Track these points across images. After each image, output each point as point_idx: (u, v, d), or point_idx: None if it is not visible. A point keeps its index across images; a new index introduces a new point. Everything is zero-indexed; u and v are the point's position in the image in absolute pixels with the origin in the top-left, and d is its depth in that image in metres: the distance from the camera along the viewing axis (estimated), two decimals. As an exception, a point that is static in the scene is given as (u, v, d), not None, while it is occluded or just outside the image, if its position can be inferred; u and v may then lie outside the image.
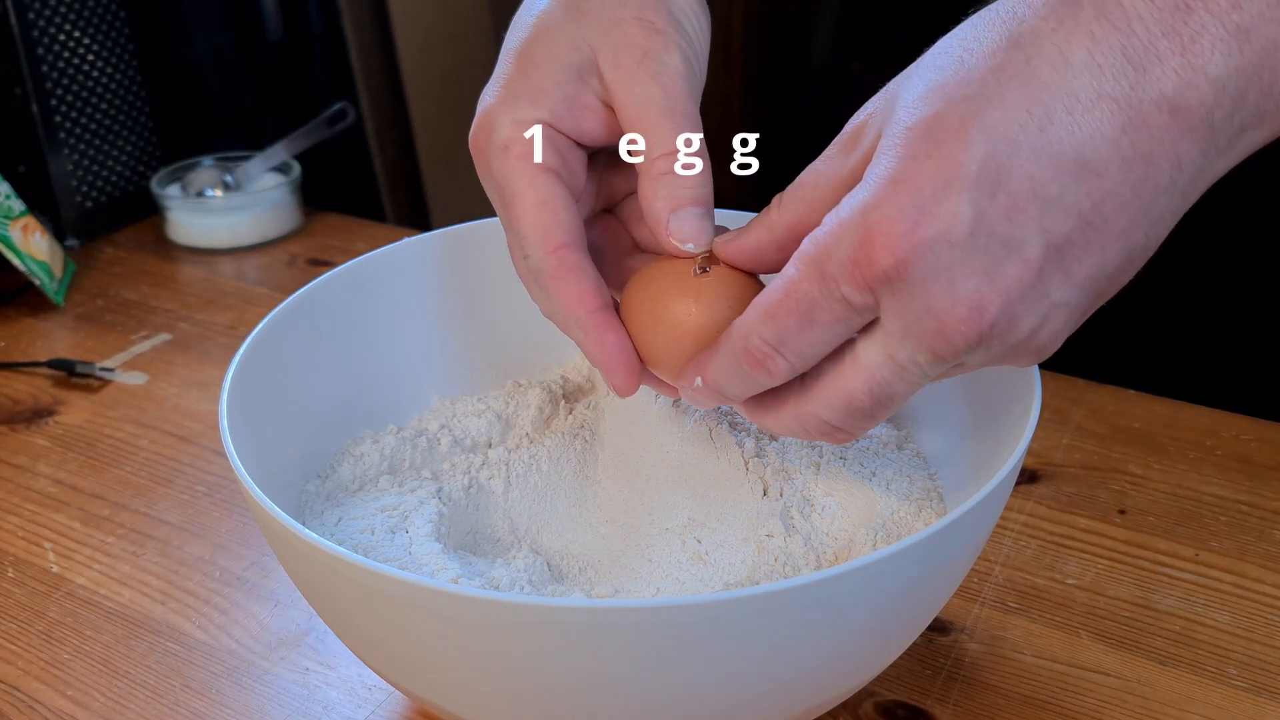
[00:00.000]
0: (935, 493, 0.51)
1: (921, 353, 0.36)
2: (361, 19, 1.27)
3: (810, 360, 0.39)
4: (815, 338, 0.38)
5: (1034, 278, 0.34)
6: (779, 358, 0.39)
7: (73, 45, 0.97)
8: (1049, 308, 0.35)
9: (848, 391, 0.38)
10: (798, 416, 0.41)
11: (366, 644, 0.44)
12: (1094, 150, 0.34)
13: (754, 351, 0.39)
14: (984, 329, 0.35)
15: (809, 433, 0.41)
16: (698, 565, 0.49)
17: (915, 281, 0.34)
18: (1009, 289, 0.34)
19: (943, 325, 0.35)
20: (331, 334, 0.55)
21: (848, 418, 0.39)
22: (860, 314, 0.37)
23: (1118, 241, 0.35)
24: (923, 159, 0.34)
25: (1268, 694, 0.50)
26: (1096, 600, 0.56)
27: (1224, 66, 0.33)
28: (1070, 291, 0.35)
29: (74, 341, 0.84)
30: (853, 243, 0.35)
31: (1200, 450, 0.66)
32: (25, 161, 0.97)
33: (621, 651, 0.37)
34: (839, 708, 0.50)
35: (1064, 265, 0.35)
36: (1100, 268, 0.35)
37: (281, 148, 1.02)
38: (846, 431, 0.40)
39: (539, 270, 0.44)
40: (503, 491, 0.53)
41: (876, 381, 0.38)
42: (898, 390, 0.38)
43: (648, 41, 0.44)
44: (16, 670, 0.55)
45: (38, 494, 0.67)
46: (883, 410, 0.39)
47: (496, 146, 0.45)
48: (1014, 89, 0.34)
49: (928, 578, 0.41)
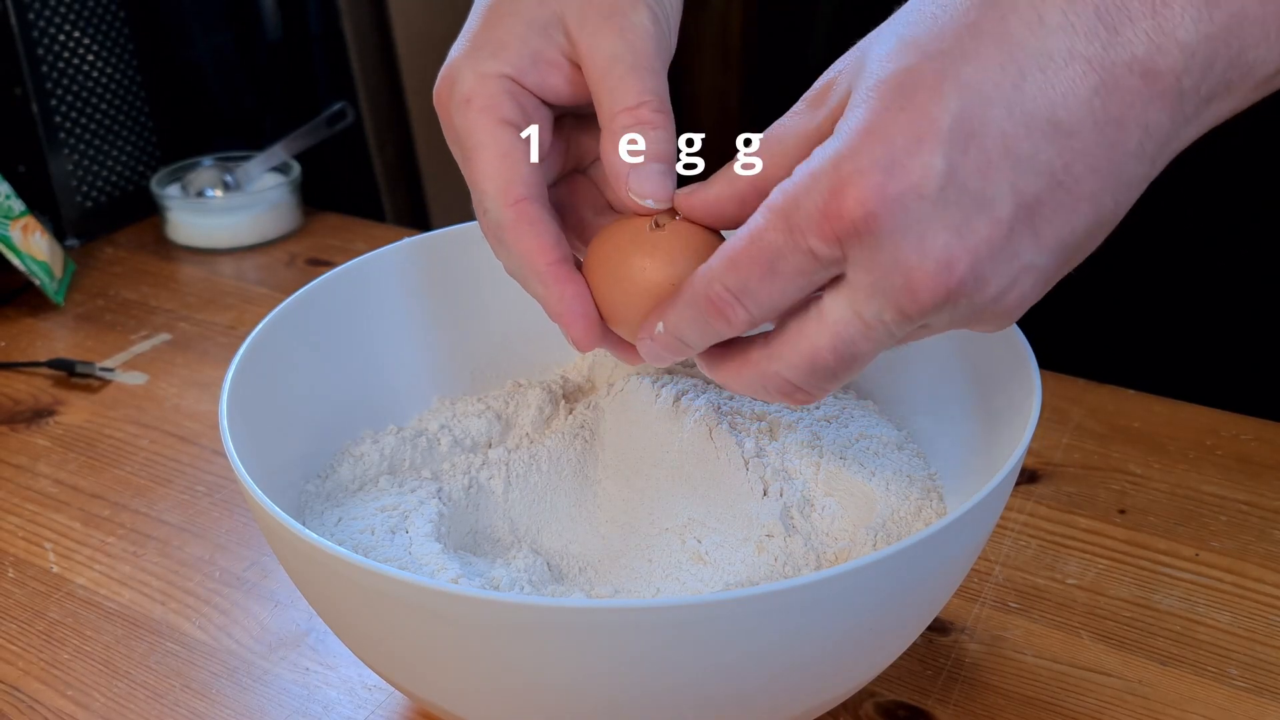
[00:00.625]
0: (935, 493, 0.51)
1: (888, 310, 0.35)
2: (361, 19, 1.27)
3: (771, 312, 0.38)
4: (778, 289, 0.37)
5: (1004, 237, 0.34)
6: (739, 307, 0.38)
7: (73, 45, 0.97)
8: (1018, 269, 0.35)
9: (812, 349, 0.38)
10: (759, 374, 0.40)
11: (366, 644, 0.44)
12: (1067, 110, 0.34)
13: (715, 299, 0.38)
14: (952, 286, 0.34)
15: (769, 392, 0.40)
16: (698, 565, 0.49)
17: (885, 235, 0.34)
18: (978, 247, 0.34)
19: (910, 281, 0.34)
20: (331, 334, 0.55)
21: (811, 376, 0.38)
22: (826, 268, 0.36)
23: (1087, 205, 0.35)
24: (896, 112, 0.34)
25: (1269, 694, 0.50)
26: (1097, 600, 0.56)
27: (1194, 32, 0.34)
28: (1039, 254, 0.35)
29: (74, 341, 0.84)
30: (822, 194, 0.35)
31: (1200, 450, 0.66)
32: (25, 161, 0.97)
33: (621, 651, 0.37)
34: (839, 708, 0.50)
35: (1034, 226, 0.35)
36: (1070, 231, 0.35)
37: (281, 148, 1.02)
38: (807, 392, 0.39)
39: (498, 223, 0.44)
40: (503, 491, 0.53)
41: (841, 339, 0.37)
42: (862, 349, 0.37)
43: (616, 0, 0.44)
44: (16, 670, 0.55)
45: (38, 494, 0.67)
46: (845, 370, 0.38)
47: (458, 99, 0.44)
48: (988, 45, 0.34)
49: (928, 578, 0.41)
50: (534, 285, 0.44)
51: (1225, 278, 0.75)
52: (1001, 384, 0.49)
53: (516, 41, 0.44)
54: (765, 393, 0.40)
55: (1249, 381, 0.74)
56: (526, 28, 0.44)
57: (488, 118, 0.44)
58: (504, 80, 0.44)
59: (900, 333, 0.36)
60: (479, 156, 0.44)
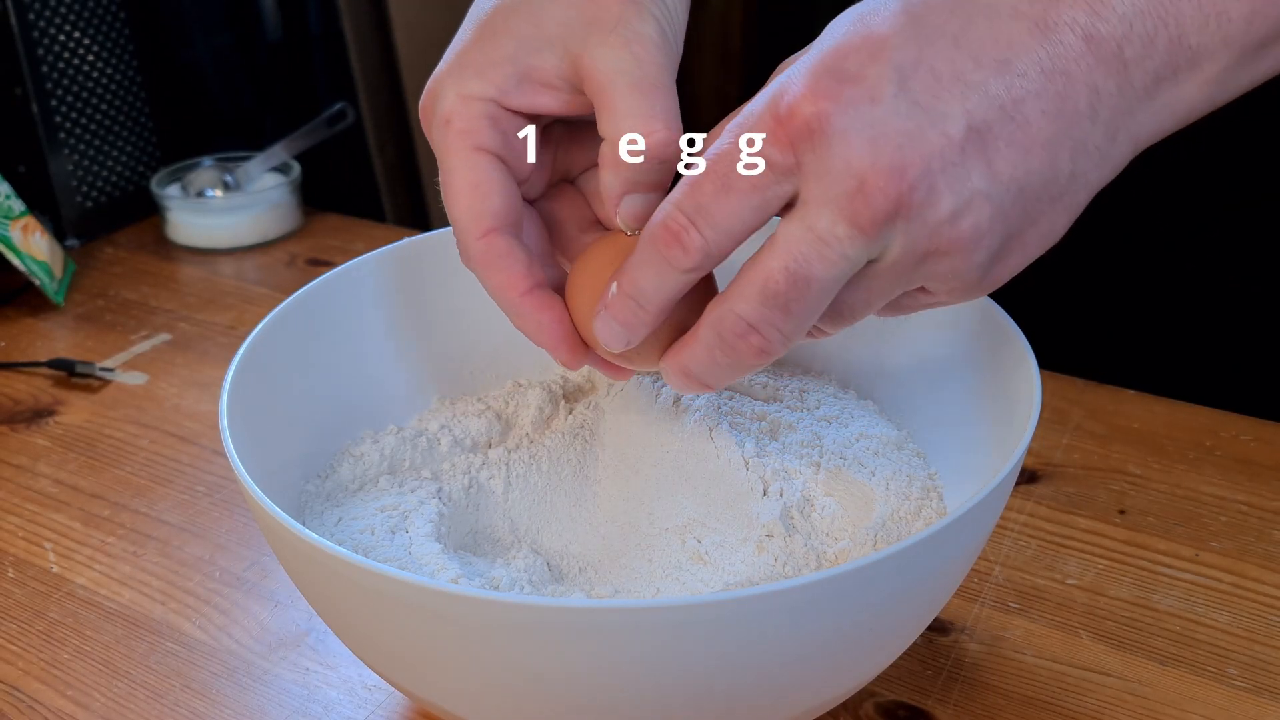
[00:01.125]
0: (935, 493, 0.51)
1: (840, 221, 0.35)
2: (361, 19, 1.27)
3: (726, 237, 0.37)
4: (733, 207, 0.36)
5: (956, 153, 0.35)
6: (694, 230, 0.37)
7: (73, 45, 0.97)
8: (971, 193, 0.35)
9: (763, 273, 0.37)
10: (714, 323, 0.38)
11: (366, 644, 0.44)
12: (1014, 54, 0.35)
13: (670, 225, 0.37)
14: (904, 189, 0.34)
15: (725, 342, 0.38)
16: (698, 565, 0.49)
17: (835, 135, 0.34)
18: (929, 155, 0.34)
19: (862, 184, 0.34)
20: (331, 334, 0.55)
21: (763, 307, 0.37)
22: (779, 179, 0.36)
23: (1042, 150, 0.35)
24: (850, 38, 0.35)
25: (1268, 694, 0.50)
26: (1096, 600, 0.56)
27: (1129, 5, 0.35)
28: (994, 184, 0.35)
29: (74, 341, 0.84)
30: (777, 102, 0.35)
31: (1200, 450, 0.66)
32: (25, 161, 0.97)
33: (621, 651, 0.37)
34: (839, 708, 0.50)
35: (986, 152, 0.35)
36: (1025, 171, 0.35)
37: (281, 148, 1.02)
38: (762, 334, 0.37)
39: (467, 255, 0.44)
40: (503, 491, 0.53)
41: (793, 256, 0.36)
42: (815, 271, 0.36)
43: (623, 10, 0.43)
44: (16, 670, 0.55)
45: (38, 494, 0.67)
46: (800, 298, 0.36)
47: (439, 118, 0.44)
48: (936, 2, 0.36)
49: (928, 578, 0.41)
50: (510, 315, 0.44)
51: (1225, 278, 0.75)
52: (1001, 384, 0.49)
53: (505, 61, 0.44)
54: (721, 343, 0.38)
55: (1249, 381, 0.74)
56: (517, 47, 0.44)
57: (464, 142, 0.43)
58: (486, 104, 0.44)
59: (853, 252, 0.36)
60: (451, 182, 0.44)
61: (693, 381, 0.41)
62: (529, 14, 0.44)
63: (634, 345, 0.42)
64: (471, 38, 0.45)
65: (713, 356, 0.39)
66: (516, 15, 0.44)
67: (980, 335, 0.51)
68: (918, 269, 0.37)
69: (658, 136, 0.41)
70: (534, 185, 0.47)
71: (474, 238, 0.43)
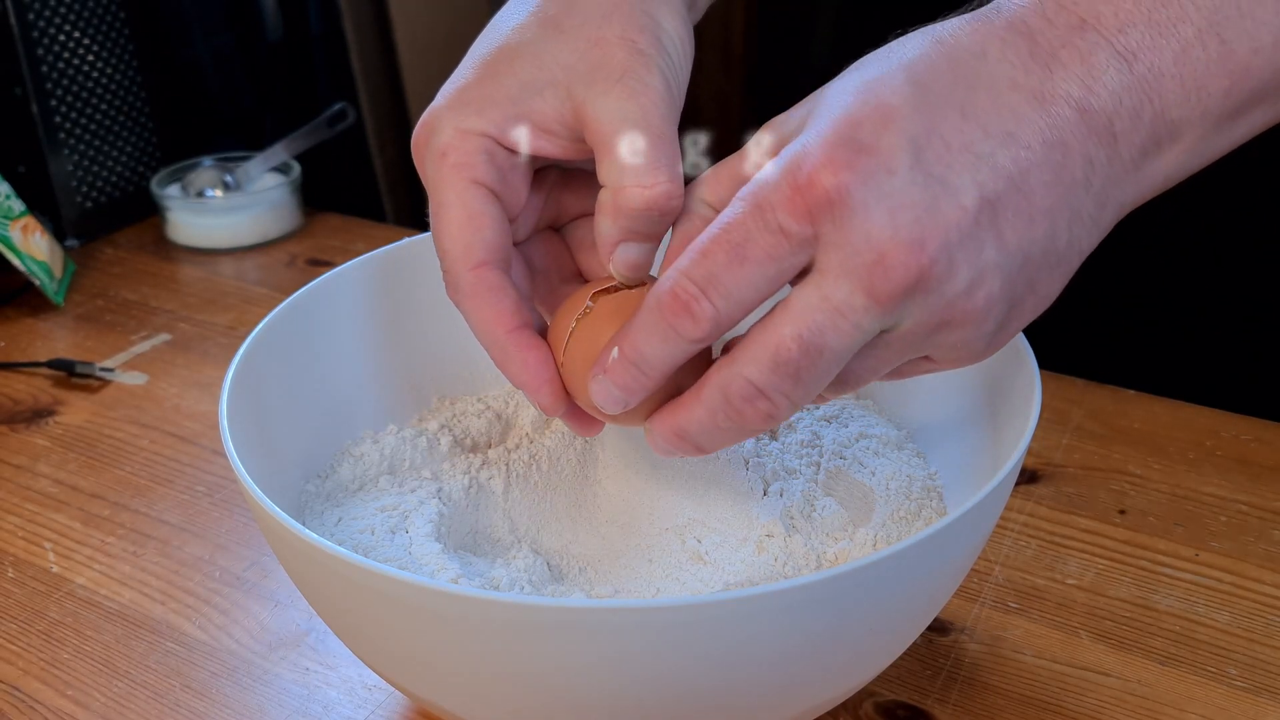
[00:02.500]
0: (935, 493, 0.51)
1: (858, 293, 0.35)
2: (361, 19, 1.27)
3: (738, 307, 0.36)
4: (746, 277, 0.36)
5: (971, 224, 0.35)
6: (705, 300, 0.36)
7: (73, 45, 0.97)
8: (984, 265, 0.35)
9: (775, 339, 0.36)
10: (719, 384, 0.37)
11: (366, 644, 0.44)
12: (1017, 125, 0.36)
13: (679, 293, 0.36)
14: (924, 264, 0.34)
15: (730, 404, 0.37)
16: (698, 565, 0.49)
17: (856, 207, 0.34)
18: (947, 227, 0.35)
19: (882, 256, 0.34)
20: (331, 334, 0.55)
21: (773, 374, 0.36)
22: (795, 251, 0.35)
23: (1044, 220, 0.36)
24: (861, 106, 0.36)
25: (1268, 694, 0.51)
26: (1096, 600, 0.56)
27: (1117, 81, 0.36)
28: (1003, 255, 0.36)
29: (74, 341, 0.84)
30: (792, 172, 0.35)
31: (1200, 450, 0.66)
32: (25, 161, 0.97)
33: (621, 651, 0.37)
34: (839, 708, 0.50)
35: (997, 224, 0.35)
36: (1030, 241, 0.36)
37: (281, 148, 1.02)
38: (770, 399, 0.37)
39: (456, 287, 0.43)
40: (503, 491, 0.53)
41: (807, 325, 0.35)
42: (829, 341, 0.35)
43: (629, 60, 0.42)
44: (16, 670, 0.55)
45: (38, 494, 0.67)
46: (811, 367, 0.36)
47: (434, 151, 0.43)
48: (943, 67, 0.36)
49: (928, 578, 0.41)
50: (494, 352, 0.43)
51: (1225, 278, 0.75)
52: (1002, 384, 0.49)
53: (506, 101, 0.43)
54: (727, 407, 0.38)
55: (1249, 381, 0.74)
56: (520, 88, 0.43)
57: (460, 175, 0.43)
58: (484, 139, 0.43)
59: (868, 324, 0.36)
60: (444, 215, 0.43)
61: (685, 444, 0.40)
62: (533, 56, 0.43)
63: (630, 408, 0.41)
64: (473, 75, 0.44)
65: (715, 420, 0.38)
66: (520, 57, 0.44)
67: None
68: (928, 339, 0.37)
69: (660, 189, 0.41)
70: (521, 228, 0.47)
71: (466, 268, 0.43)
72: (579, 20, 0.43)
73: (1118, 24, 0.37)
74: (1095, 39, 0.37)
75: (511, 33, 0.44)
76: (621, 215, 0.41)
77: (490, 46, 0.45)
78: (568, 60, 0.43)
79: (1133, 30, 0.37)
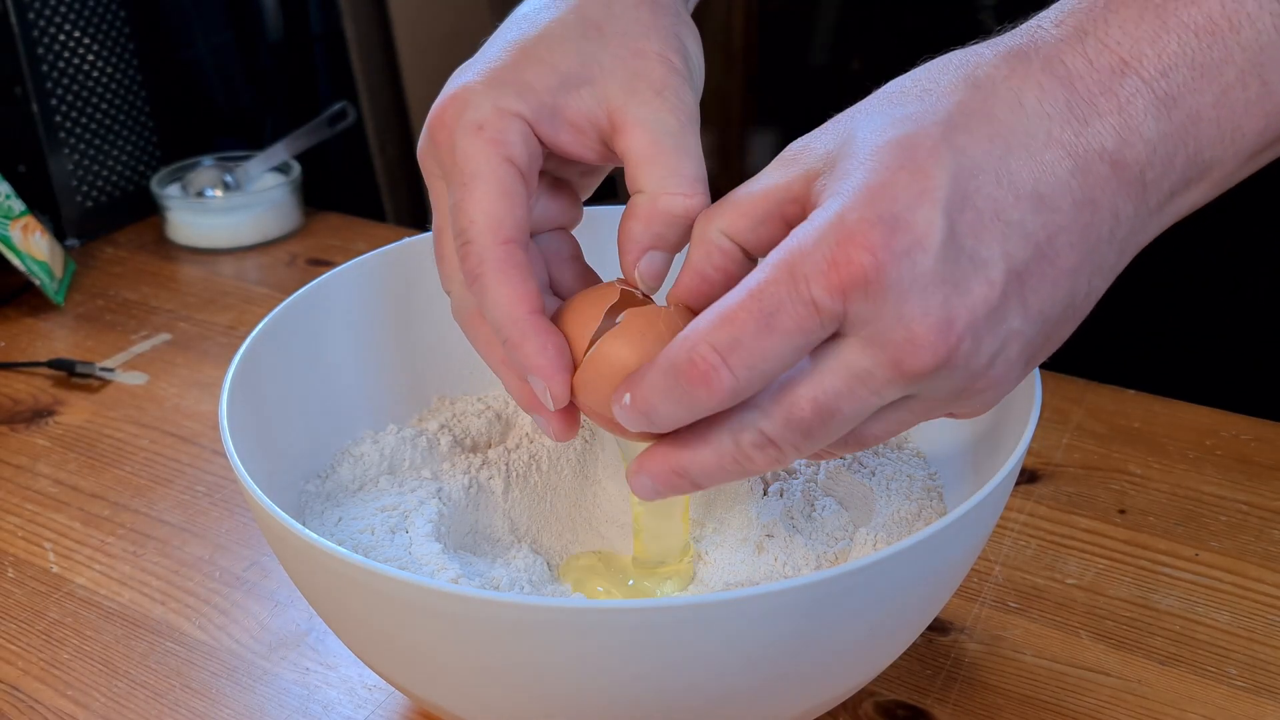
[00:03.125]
0: (935, 493, 0.51)
1: (883, 366, 0.35)
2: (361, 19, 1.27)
3: (759, 378, 0.36)
4: (771, 348, 0.35)
5: (998, 299, 0.35)
6: (725, 370, 0.35)
7: (73, 45, 0.97)
8: (1007, 334, 0.36)
9: (791, 398, 0.36)
10: (732, 427, 0.37)
11: (366, 644, 0.44)
12: (1048, 186, 0.35)
13: (698, 361, 0.36)
14: (952, 343, 0.34)
15: (739, 447, 0.37)
16: (697, 565, 0.49)
17: (890, 286, 0.34)
18: (975, 306, 0.35)
19: (913, 335, 0.34)
20: (331, 334, 0.55)
21: (785, 429, 0.36)
22: (825, 325, 0.35)
23: (1067, 280, 0.36)
24: (897, 170, 0.35)
25: (1268, 694, 0.51)
26: (1096, 600, 0.56)
27: (1155, 130, 0.36)
28: (1026, 322, 0.36)
29: (74, 341, 0.84)
30: (829, 245, 0.34)
31: (1200, 450, 0.66)
32: (25, 161, 0.97)
33: (621, 651, 0.37)
34: (839, 708, 0.50)
35: (1022, 293, 0.35)
36: (1051, 303, 0.36)
37: (281, 148, 1.02)
38: (779, 448, 0.37)
39: (481, 259, 0.41)
40: (503, 491, 0.53)
41: (823, 389, 0.36)
42: (842, 407, 0.36)
43: (667, 76, 0.43)
44: (16, 670, 0.55)
45: (38, 494, 0.67)
46: (821, 428, 0.36)
47: (468, 123, 0.43)
48: (977, 121, 0.36)
49: (928, 578, 0.41)
50: (511, 332, 0.41)
51: (1225, 278, 0.75)
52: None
53: (545, 91, 0.43)
54: (736, 451, 0.37)
55: (1249, 381, 0.74)
56: (560, 81, 0.43)
57: (496, 150, 0.42)
58: (521, 122, 0.43)
59: (886, 393, 0.36)
60: (476, 186, 0.42)
61: (683, 481, 0.39)
62: (574, 52, 0.43)
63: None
64: (509, 59, 0.44)
65: (721, 462, 0.38)
66: (561, 49, 0.43)
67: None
68: (946, 406, 0.37)
69: (699, 200, 0.41)
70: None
71: (496, 241, 0.41)
72: (621, 28, 0.44)
73: (1160, 67, 0.36)
74: (1135, 85, 0.36)
75: (551, 24, 0.44)
76: (656, 221, 0.42)
77: (525, 34, 0.44)
78: (608, 64, 0.43)
79: (1175, 73, 0.36)
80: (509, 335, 0.41)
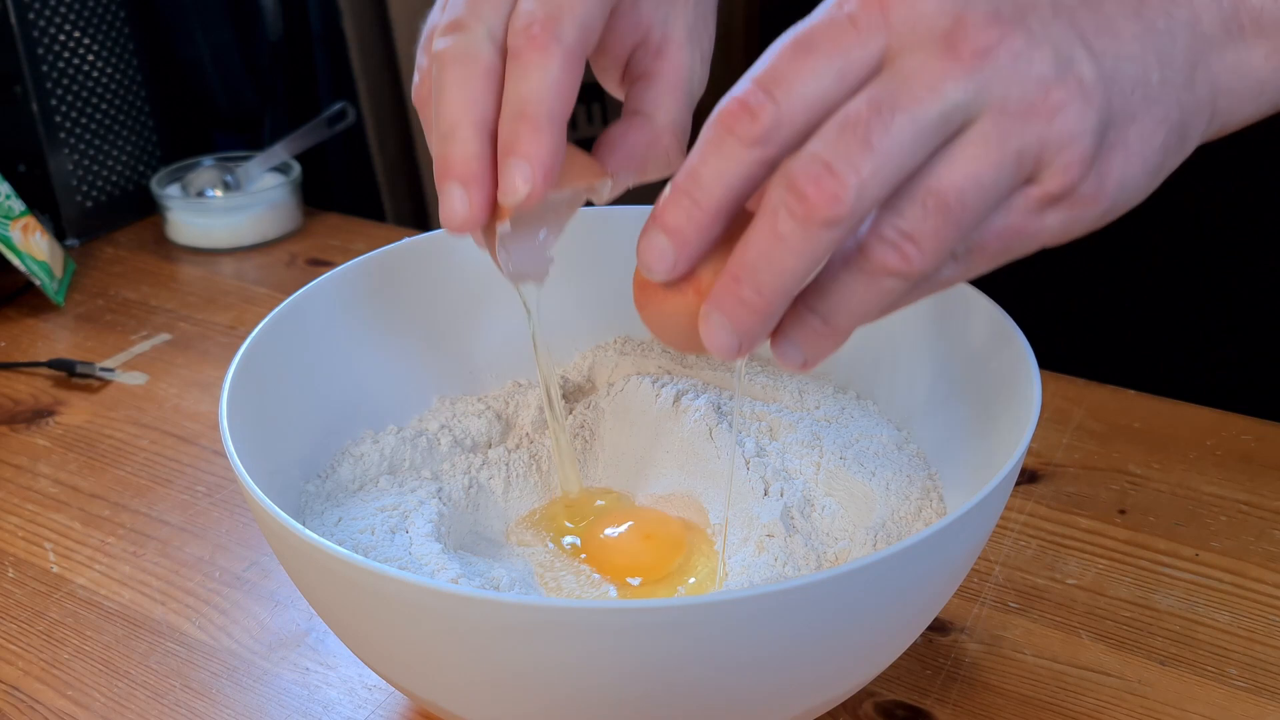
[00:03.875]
0: (935, 493, 0.51)
1: (934, 58, 0.33)
2: (361, 19, 1.27)
3: (799, 102, 0.33)
4: (812, 73, 0.33)
5: (1049, 12, 0.34)
6: (768, 102, 0.33)
7: (73, 45, 0.97)
8: (1070, 55, 0.33)
9: (846, 108, 0.33)
10: (780, 175, 0.33)
11: (366, 644, 0.44)
12: None
13: (743, 98, 0.33)
14: (1003, 30, 0.33)
15: (793, 188, 0.33)
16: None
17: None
18: (1024, 6, 0.33)
19: (959, 21, 0.33)
20: (332, 334, 0.55)
21: (839, 140, 0.32)
22: (865, 39, 0.33)
23: (1132, 43, 0.35)
24: None
25: (1268, 694, 0.50)
26: (1096, 600, 0.56)
27: None
28: (1089, 53, 0.34)
29: (74, 341, 0.84)
30: None
31: (1200, 450, 0.66)
32: (25, 161, 0.97)
33: (621, 651, 0.37)
34: (839, 708, 0.50)
35: (1076, 24, 0.34)
36: (1115, 56, 0.34)
37: (281, 148, 1.02)
38: (836, 175, 0.32)
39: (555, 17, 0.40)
40: (503, 491, 0.53)
41: (878, 92, 0.33)
42: (900, 99, 0.33)
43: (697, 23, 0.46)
44: (16, 670, 0.55)
45: (38, 494, 0.67)
46: (883, 129, 0.33)
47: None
48: None
49: (928, 578, 0.41)
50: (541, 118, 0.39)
51: (1225, 278, 0.75)
52: (1001, 384, 0.49)
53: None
54: (788, 196, 0.33)
55: (1249, 381, 0.74)
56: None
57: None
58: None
59: (945, 89, 0.33)
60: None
61: (742, 287, 0.34)
62: None
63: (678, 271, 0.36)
64: None
65: (774, 223, 0.33)
66: None
67: (980, 335, 0.51)
68: (1019, 133, 0.33)
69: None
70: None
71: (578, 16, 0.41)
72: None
73: None
74: None
75: None
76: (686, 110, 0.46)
77: None
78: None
79: None
80: (537, 121, 0.40)
